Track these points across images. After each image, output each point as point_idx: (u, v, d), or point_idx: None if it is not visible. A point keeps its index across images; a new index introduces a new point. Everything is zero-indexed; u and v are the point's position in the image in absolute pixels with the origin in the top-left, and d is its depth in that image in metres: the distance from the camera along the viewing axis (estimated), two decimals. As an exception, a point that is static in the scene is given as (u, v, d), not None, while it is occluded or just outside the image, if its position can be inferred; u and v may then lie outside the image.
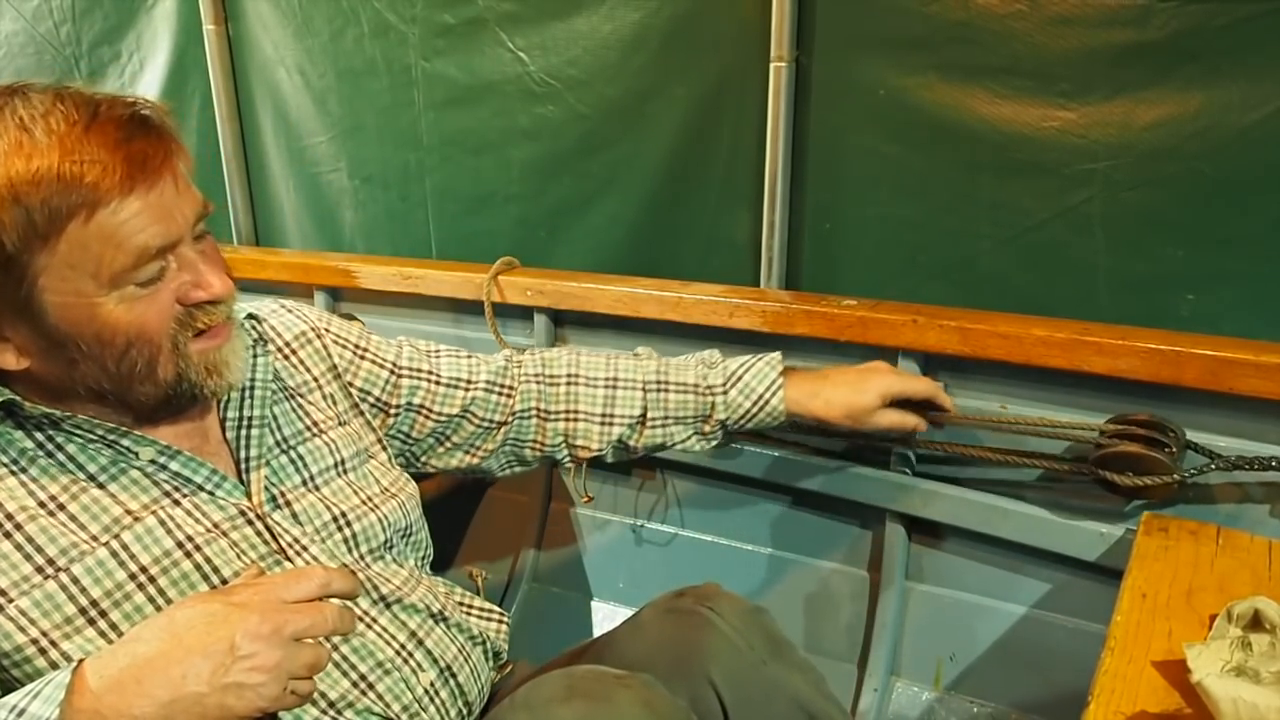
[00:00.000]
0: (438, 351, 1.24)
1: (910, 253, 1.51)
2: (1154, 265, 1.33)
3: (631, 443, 1.29)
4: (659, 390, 1.27)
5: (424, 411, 1.19)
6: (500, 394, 1.24)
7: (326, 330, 1.15)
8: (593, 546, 1.89)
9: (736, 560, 1.73)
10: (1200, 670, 0.83)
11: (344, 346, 1.15)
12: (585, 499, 1.74)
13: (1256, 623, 0.91)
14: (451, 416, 1.21)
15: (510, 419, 1.25)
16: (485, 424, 1.24)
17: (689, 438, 1.29)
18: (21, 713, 0.72)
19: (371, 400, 1.15)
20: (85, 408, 0.89)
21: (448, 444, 1.23)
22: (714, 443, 1.31)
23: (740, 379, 1.26)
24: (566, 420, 1.27)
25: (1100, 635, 0.99)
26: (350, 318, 1.83)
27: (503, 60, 1.74)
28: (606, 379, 1.27)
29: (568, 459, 1.30)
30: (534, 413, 1.27)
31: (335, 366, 1.13)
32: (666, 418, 1.27)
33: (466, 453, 1.25)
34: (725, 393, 1.26)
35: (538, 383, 1.27)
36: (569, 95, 1.71)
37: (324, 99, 1.96)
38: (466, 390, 1.22)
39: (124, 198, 0.80)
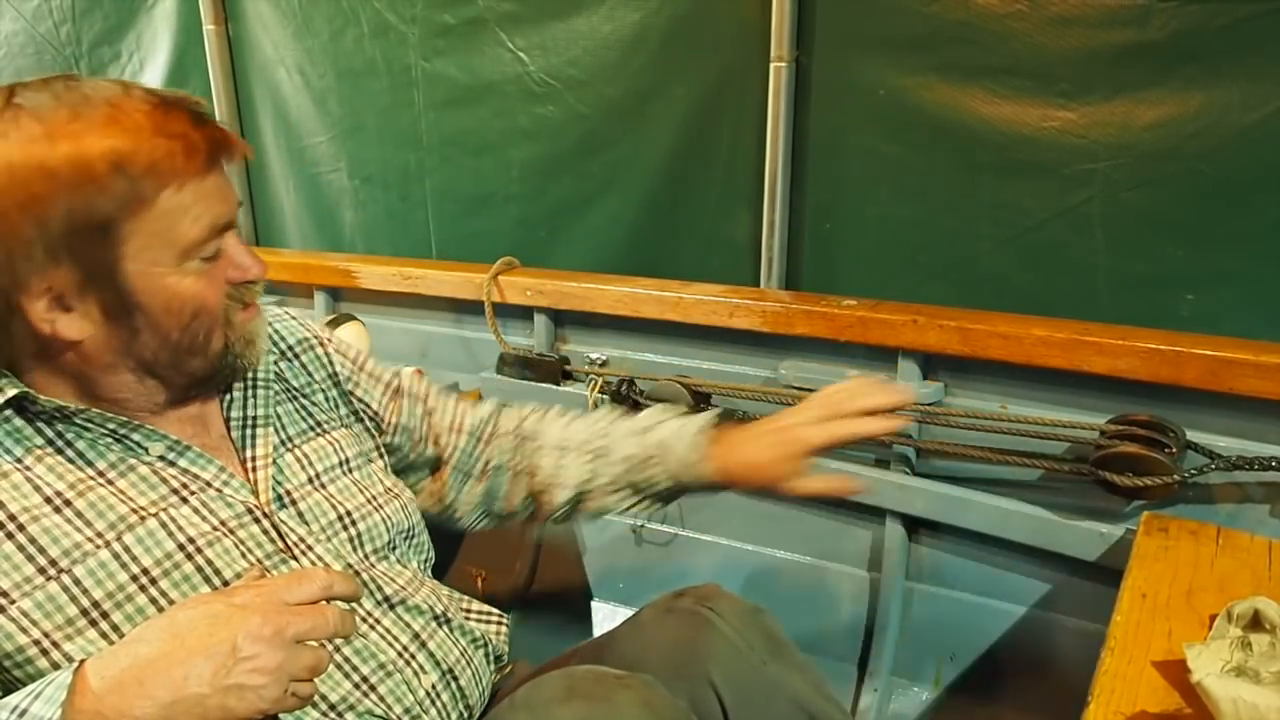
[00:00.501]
0: (430, 391, 1.24)
1: (910, 253, 1.51)
2: (1154, 265, 1.34)
3: (581, 507, 1.24)
4: (600, 458, 1.22)
5: (412, 435, 1.19)
6: (480, 442, 1.25)
7: (328, 341, 1.16)
8: (593, 547, 1.89)
9: (736, 560, 1.74)
10: (1200, 670, 0.84)
11: (344, 357, 1.16)
12: (585, 499, 1.74)
13: (1256, 623, 0.91)
14: (433, 450, 1.21)
15: (486, 472, 1.25)
16: (462, 472, 1.24)
17: (636, 504, 1.23)
18: (23, 713, 0.72)
19: (370, 414, 1.16)
20: (121, 385, 0.90)
21: (427, 484, 1.23)
22: (661, 507, 1.26)
23: (670, 447, 1.19)
24: (529, 478, 1.25)
25: (1100, 635, 0.99)
26: (350, 318, 1.84)
27: (503, 60, 1.74)
28: (558, 444, 1.24)
29: (530, 517, 1.27)
30: (508, 469, 1.26)
31: (336, 374, 1.13)
32: (612, 485, 1.22)
33: (439, 500, 1.24)
34: (663, 461, 1.19)
35: (512, 439, 1.26)
36: (569, 95, 1.71)
37: (324, 99, 1.96)
38: (450, 431, 1.22)
39: (204, 175, 0.85)
